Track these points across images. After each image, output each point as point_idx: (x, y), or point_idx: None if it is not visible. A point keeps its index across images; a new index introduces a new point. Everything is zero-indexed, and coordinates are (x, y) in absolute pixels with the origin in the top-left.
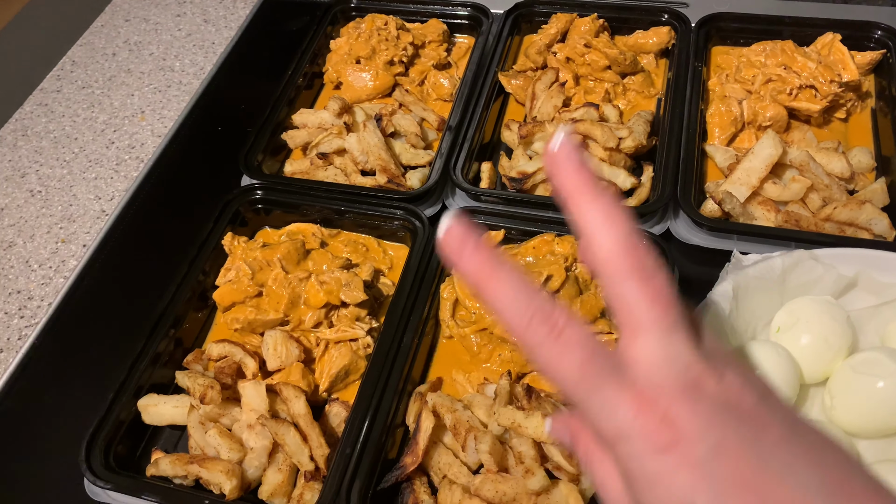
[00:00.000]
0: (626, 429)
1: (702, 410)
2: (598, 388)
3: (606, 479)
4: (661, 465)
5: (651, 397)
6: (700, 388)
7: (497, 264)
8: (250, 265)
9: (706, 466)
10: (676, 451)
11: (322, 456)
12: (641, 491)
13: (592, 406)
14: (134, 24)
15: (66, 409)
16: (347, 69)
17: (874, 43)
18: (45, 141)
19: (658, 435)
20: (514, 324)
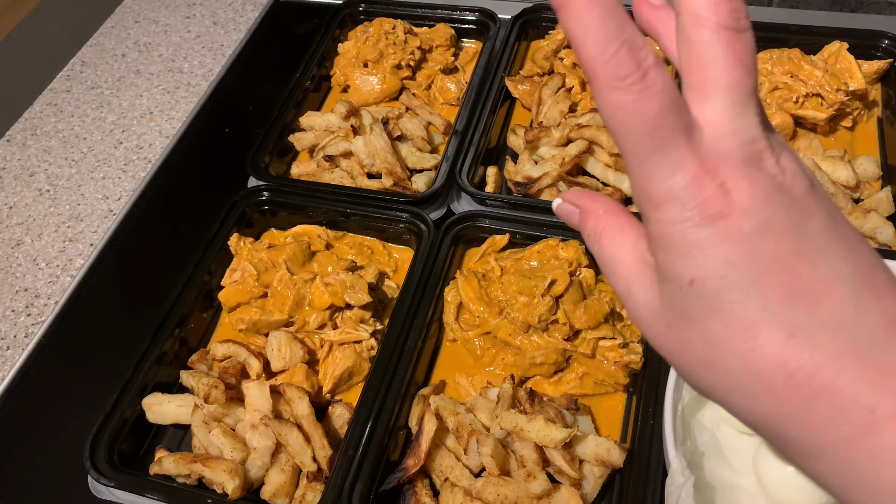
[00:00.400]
0: (679, 192)
1: (758, 187)
2: (665, 143)
3: (619, 253)
4: (705, 235)
5: (712, 164)
6: (760, 165)
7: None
8: (256, 266)
9: (750, 242)
10: (725, 222)
11: (325, 457)
12: (673, 260)
13: (651, 162)
14: (143, 25)
15: (72, 406)
16: (355, 73)
17: (881, 52)
18: (54, 140)
19: (711, 203)
20: (594, 51)
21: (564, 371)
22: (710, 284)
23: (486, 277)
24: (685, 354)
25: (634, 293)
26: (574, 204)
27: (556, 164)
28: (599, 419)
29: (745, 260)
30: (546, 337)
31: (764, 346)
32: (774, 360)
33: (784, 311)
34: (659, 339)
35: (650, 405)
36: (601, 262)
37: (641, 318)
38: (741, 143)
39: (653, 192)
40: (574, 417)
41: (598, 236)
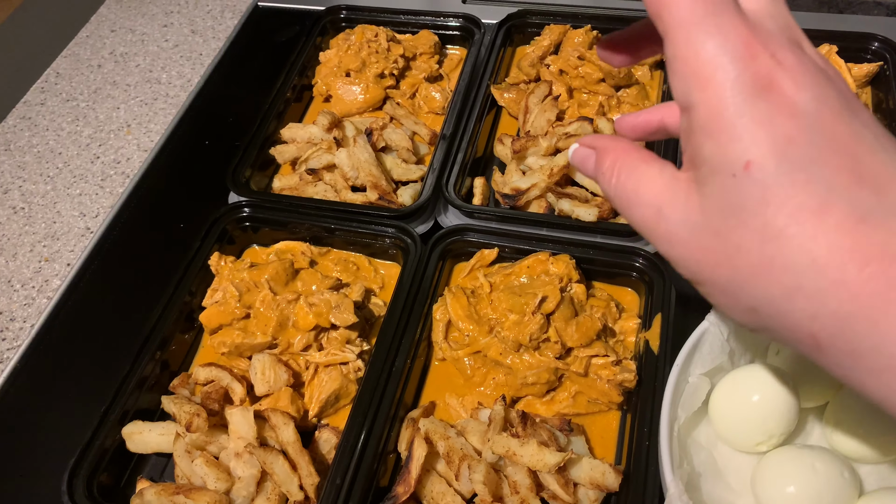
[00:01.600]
0: (732, 58)
1: (806, 65)
2: (717, 8)
3: (643, 182)
4: (761, 107)
5: (761, 37)
6: (803, 48)
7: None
8: (237, 286)
9: (808, 118)
10: (780, 94)
11: (312, 485)
12: (725, 143)
13: (702, 29)
14: (120, 34)
15: (49, 435)
16: (337, 82)
17: (871, 55)
18: (29, 156)
19: (764, 71)
20: None
21: (557, 390)
22: (768, 164)
23: (476, 294)
24: (736, 263)
25: (668, 213)
26: (590, 146)
27: (544, 175)
28: (593, 439)
29: (805, 136)
30: (537, 356)
31: (833, 231)
32: (847, 248)
33: (852, 194)
34: (702, 254)
35: (645, 425)
36: (620, 199)
37: (678, 239)
38: (781, 27)
39: (702, 65)
40: (568, 439)
41: (616, 172)
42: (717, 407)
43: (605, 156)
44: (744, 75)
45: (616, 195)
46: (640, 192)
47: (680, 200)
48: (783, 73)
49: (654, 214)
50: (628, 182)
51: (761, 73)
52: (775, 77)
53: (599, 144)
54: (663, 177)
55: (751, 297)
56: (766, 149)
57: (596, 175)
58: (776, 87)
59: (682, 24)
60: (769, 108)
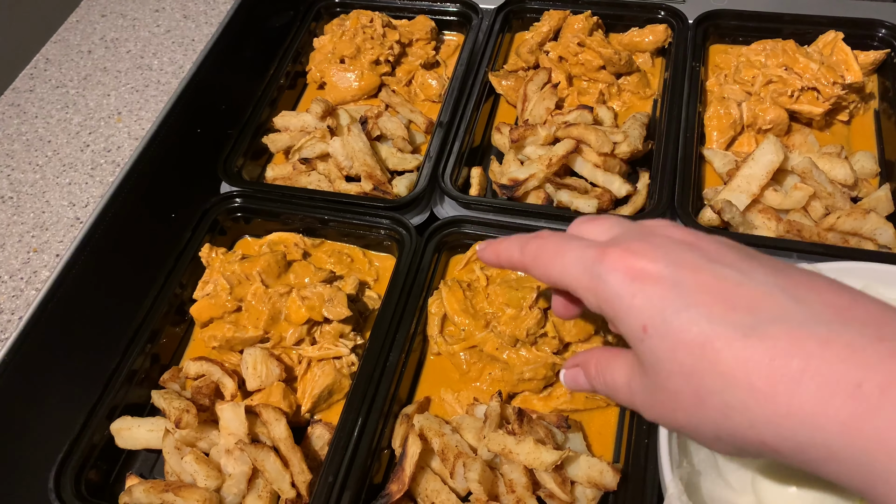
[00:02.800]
0: (593, 266)
1: (654, 243)
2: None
3: (616, 371)
4: (630, 288)
5: (613, 242)
6: (653, 232)
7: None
8: (228, 279)
9: (671, 278)
10: (643, 273)
11: (304, 482)
12: (623, 321)
13: (569, 263)
14: (111, 19)
15: (38, 430)
16: (331, 69)
17: (878, 41)
18: (17, 144)
19: (624, 262)
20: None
21: (554, 385)
22: (657, 321)
23: (472, 287)
24: (681, 405)
25: (634, 386)
26: (575, 365)
27: (542, 165)
28: (591, 435)
29: (674, 291)
30: (534, 351)
31: (726, 352)
32: (743, 361)
33: (730, 319)
34: (661, 407)
35: (644, 422)
36: (609, 390)
37: (644, 402)
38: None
39: (578, 286)
40: (565, 436)
41: (600, 373)
42: None
43: (588, 366)
44: (612, 273)
45: (606, 390)
46: (616, 380)
47: (636, 374)
48: (636, 257)
49: (628, 390)
50: (607, 376)
51: (623, 266)
52: (632, 264)
53: (581, 360)
54: (627, 362)
55: (706, 426)
56: (650, 311)
57: (592, 385)
58: (635, 268)
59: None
60: (635, 283)
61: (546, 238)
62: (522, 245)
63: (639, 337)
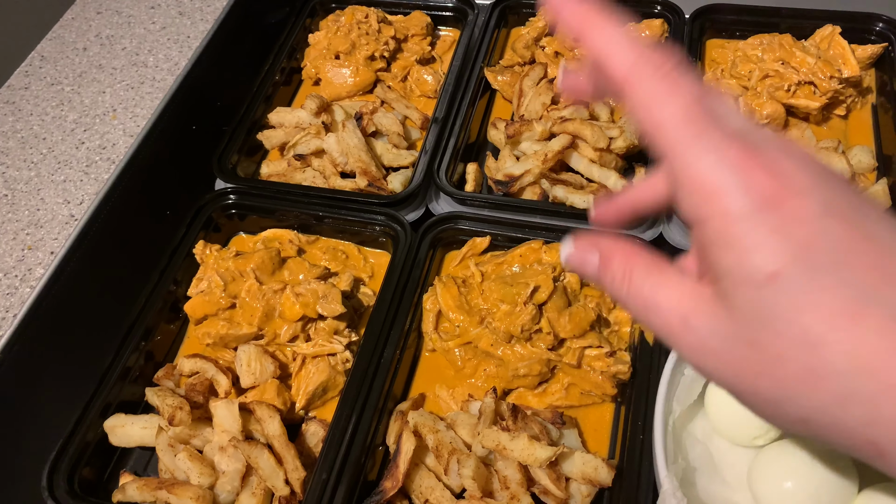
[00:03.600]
0: (728, 178)
1: (805, 168)
2: (703, 131)
3: (661, 290)
4: (772, 221)
5: (755, 150)
6: (798, 151)
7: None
8: (222, 276)
9: (821, 223)
10: (786, 205)
11: (298, 479)
12: (744, 256)
13: (693, 151)
14: (106, 16)
15: (31, 428)
16: (326, 65)
17: (875, 36)
18: (12, 141)
19: (766, 185)
20: (629, 55)
21: (549, 382)
22: (793, 272)
23: (467, 284)
24: (779, 373)
25: (695, 323)
26: (593, 247)
27: (538, 161)
28: (587, 431)
29: (822, 241)
30: (529, 347)
31: (874, 334)
32: (893, 350)
33: (883, 294)
34: (739, 365)
35: (639, 418)
36: (636, 305)
37: (709, 349)
38: (768, 138)
39: (704, 182)
40: (560, 432)
41: (628, 276)
42: (713, 400)
43: (611, 258)
44: (746, 187)
45: (630, 302)
46: (659, 300)
47: (706, 310)
48: (783, 181)
49: (680, 324)
50: (643, 288)
51: (763, 189)
52: (776, 186)
53: (603, 246)
54: (684, 284)
55: (799, 406)
56: (787, 257)
57: (601, 278)
58: (780, 196)
59: (677, 146)
60: (779, 216)
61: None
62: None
63: (757, 281)
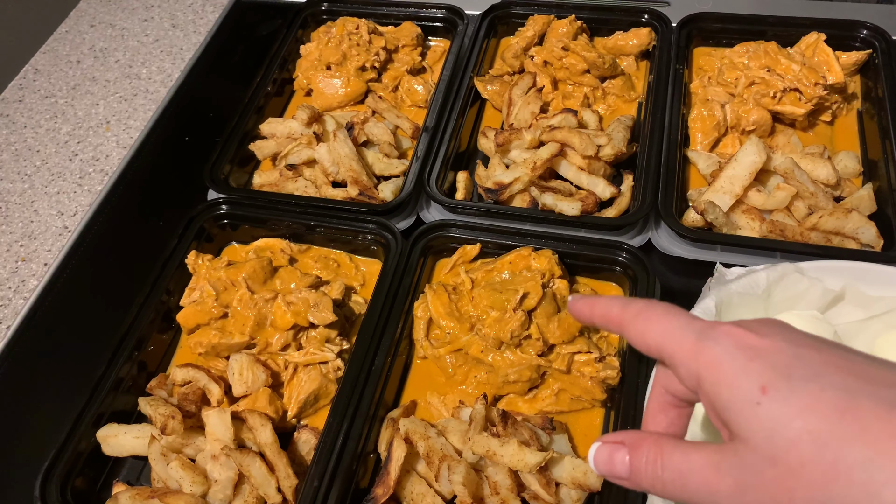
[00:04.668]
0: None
1: (771, 324)
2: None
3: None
4: (749, 353)
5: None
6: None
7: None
8: (214, 286)
9: (792, 352)
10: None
11: (290, 487)
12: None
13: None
14: (99, 29)
15: (23, 438)
16: (318, 76)
17: (860, 42)
18: (6, 154)
19: (738, 332)
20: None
21: (539, 388)
22: (781, 383)
23: (457, 291)
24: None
25: (726, 466)
26: (616, 441)
27: (527, 169)
28: (577, 436)
29: (799, 362)
30: (519, 353)
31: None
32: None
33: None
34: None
35: (629, 423)
36: (673, 477)
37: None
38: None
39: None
40: (550, 437)
41: (660, 455)
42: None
43: (640, 444)
44: (723, 338)
45: (666, 474)
46: (692, 462)
47: (730, 453)
48: (751, 332)
49: (714, 473)
50: (674, 457)
51: (735, 335)
52: (745, 334)
53: (628, 439)
54: (707, 446)
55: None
56: (771, 374)
57: (633, 471)
58: (751, 340)
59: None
60: (754, 352)
61: (654, 302)
62: (626, 303)
63: (753, 400)
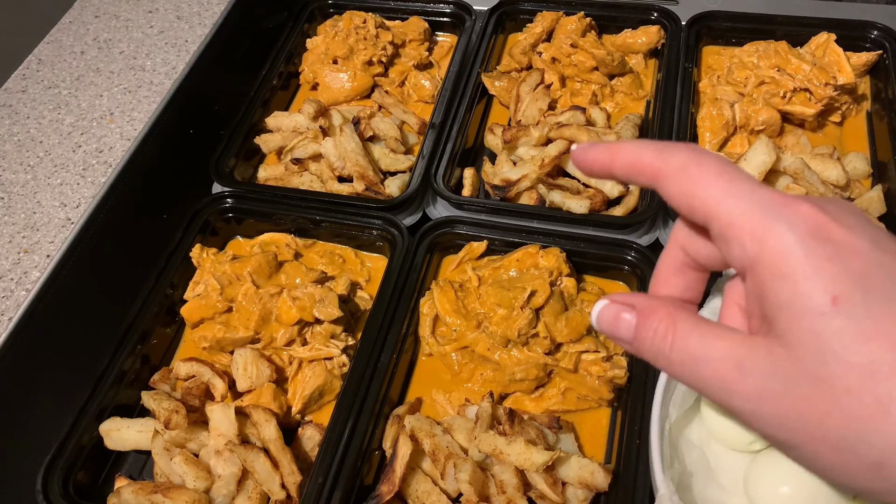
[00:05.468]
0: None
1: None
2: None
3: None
4: (825, 248)
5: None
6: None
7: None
8: (219, 279)
9: (874, 255)
10: (836, 237)
11: (294, 483)
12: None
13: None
14: (104, 20)
15: (26, 431)
16: (324, 69)
17: (870, 43)
18: (9, 144)
19: (813, 217)
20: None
21: (546, 386)
22: (856, 296)
23: (464, 288)
24: (849, 409)
25: (752, 366)
26: (626, 304)
27: (535, 166)
28: (583, 436)
29: (877, 270)
30: (526, 351)
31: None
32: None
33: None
34: (803, 406)
35: (636, 423)
36: (682, 361)
37: (770, 393)
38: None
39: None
40: (556, 437)
41: (671, 331)
42: (709, 404)
43: (651, 314)
44: (798, 223)
45: (675, 356)
46: (709, 349)
47: (762, 353)
48: (832, 220)
49: (735, 370)
50: (690, 339)
51: (809, 216)
52: (826, 223)
53: (640, 302)
54: (734, 334)
55: (871, 447)
56: (847, 283)
57: (638, 339)
58: (831, 232)
59: (721, 199)
60: (833, 249)
61: (703, 151)
62: (663, 149)
63: (818, 309)
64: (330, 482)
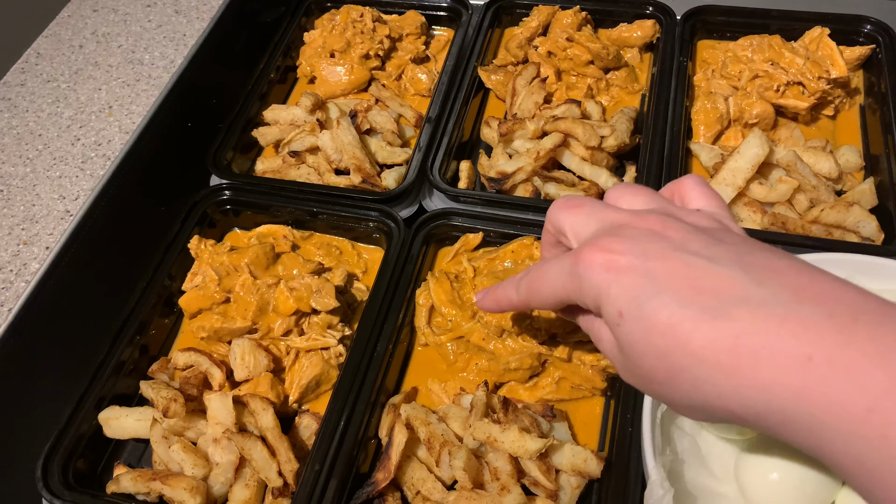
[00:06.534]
0: (576, 270)
1: (627, 234)
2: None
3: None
4: (604, 277)
5: (585, 242)
6: (622, 227)
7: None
8: (217, 270)
9: (641, 268)
10: (615, 265)
11: (291, 471)
12: (601, 306)
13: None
14: (102, 14)
15: (26, 420)
16: (321, 63)
17: (863, 37)
18: (8, 137)
19: (595, 258)
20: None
21: (540, 376)
22: (631, 306)
23: (459, 279)
24: (655, 380)
25: (614, 357)
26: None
27: (530, 159)
28: (577, 425)
29: (645, 279)
30: (520, 341)
31: (696, 333)
32: (710, 341)
33: (698, 302)
34: (636, 382)
35: (628, 411)
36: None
37: (622, 367)
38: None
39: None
40: (550, 425)
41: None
42: None
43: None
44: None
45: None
46: (603, 339)
47: (617, 350)
48: (606, 252)
49: (611, 354)
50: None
51: (598, 260)
52: (606, 257)
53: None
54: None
55: (679, 397)
56: (624, 299)
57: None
58: (610, 262)
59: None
60: (610, 274)
61: (530, 268)
62: (516, 284)
63: (616, 322)
64: (326, 470)
